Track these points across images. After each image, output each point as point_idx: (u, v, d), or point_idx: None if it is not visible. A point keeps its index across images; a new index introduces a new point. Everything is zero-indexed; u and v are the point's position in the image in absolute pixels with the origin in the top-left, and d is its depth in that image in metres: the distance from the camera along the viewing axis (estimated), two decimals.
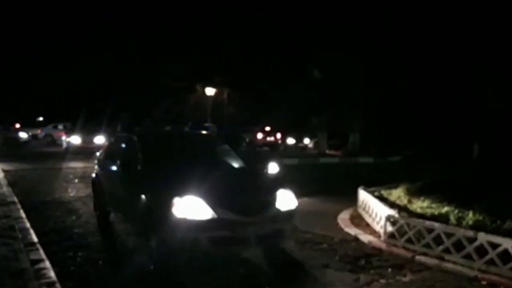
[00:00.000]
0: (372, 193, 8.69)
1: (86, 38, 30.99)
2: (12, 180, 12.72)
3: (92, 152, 20.99)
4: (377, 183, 9.91)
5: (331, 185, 13.41)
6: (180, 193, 5.35)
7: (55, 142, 31.37)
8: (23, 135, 31.85)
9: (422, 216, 7.05)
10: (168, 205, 5.29)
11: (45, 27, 32.05)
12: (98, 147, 23.16)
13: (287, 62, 26.63)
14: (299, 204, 6.62)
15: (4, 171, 14.50)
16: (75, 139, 23.50)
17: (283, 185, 6.36)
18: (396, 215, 6.87)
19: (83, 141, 23.37)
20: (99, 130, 24.68)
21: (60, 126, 35.18)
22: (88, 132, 24.12)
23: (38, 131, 36.64)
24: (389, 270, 5.70)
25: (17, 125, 35.92)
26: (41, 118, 42.57)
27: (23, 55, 33.81)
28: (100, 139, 23.76)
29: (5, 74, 35.09)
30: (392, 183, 9.97)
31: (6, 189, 10.96)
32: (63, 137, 26.46)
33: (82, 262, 5.73)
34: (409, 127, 25.97)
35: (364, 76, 25.21)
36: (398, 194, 8.76)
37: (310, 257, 6.17)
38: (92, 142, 23.31)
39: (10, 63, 34.10)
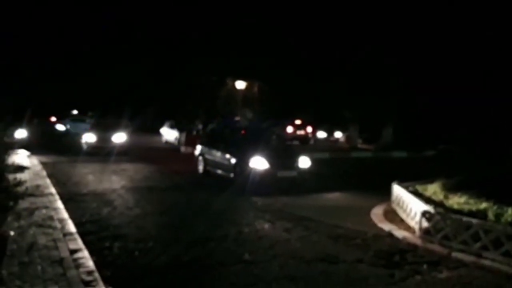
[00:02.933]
0: (406, 188, 8.52)
1: (118, 33, 31.58)
2: (50, 172, 13.11)
3: (109, 153, 17.74)
4: (411, 178, 9.69)
5: (364, 179, 13.25)
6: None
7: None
8: (60, 128, 32.54)
9: (459, 212, 6.87)
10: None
11: (74, 25, 32.85)
12: (118, 147, 18.85)
13: (319, 55, 26.36)
14: (331, 199, 10.48)
15: (42, 163, 14.97)
16: (90, 137, 19.52)
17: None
18: (432, 211, 6.71)
19: (98, 139, 19.38)
20: (120, 127, 20.64)
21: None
22: (105, 129, 20.01)
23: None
24: (425, 266, 5.60)
25: (53, 119, 36.86)
26: (75, 112, 43.51)
27: (57, 49, 34.65)
28: (120, 137, 19.60)
29: (42, 70, 36.01)
30: (427, 178, 9.74)
31: (44, 181, 11.32)
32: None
33: (118, 252, 5.87)
34: (445, 121, 25.30)
35: (397, 67, 24.68)
36: (433, 189, 8.55)
37: (343, 251, 6.12)
38: (109, 141, 19.31)
39: (46, 59, 34.96)
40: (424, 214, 6.76)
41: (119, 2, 32.49)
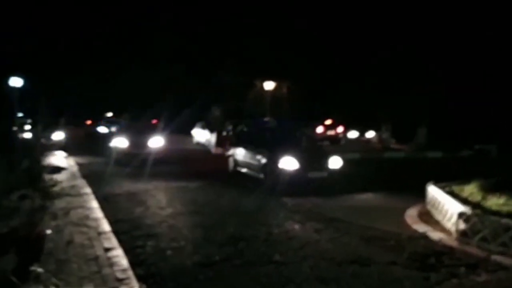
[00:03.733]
0: (442, 188, 8.28)
1: (145, 36, 32.16)
2: (86, 172, 13.44)
3: (145, 160, 14.77)
4: (447, 179, 9.41)
5: (397, 180, 12.93)
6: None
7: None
8: (103, 130, 33.10)
9: (497, 213, 6.61)
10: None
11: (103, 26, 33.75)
12: (154, 153, 15.86)
13: (350, 54, 26.08)
14: (363, 200, 10.32)
15: (78, 164, 15.39)
16: (121, 142, 16.56)
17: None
18: (469, 212, 6.50)
19: (132, 144, 16.39)
20: (154, 129, 17.91)
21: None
22: (139, 132, 17.18)
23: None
24: (462, 269, 5.41)
25: (88, 122, 37.88)
26: (110, 114, 44.49)
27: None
28: (157, 142, 16.78)
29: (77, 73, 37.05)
30: (464, 179, 9.43)
31: (80, 181, 11.62)
32: None
33: (151, 251, 5.95)
34: (481, 120, 24.51)
35: (431, 66, 24.11)
36: (470, 190, 8.27)
37: (376, 253, 5.99)
38: (144, 146, 16.34)
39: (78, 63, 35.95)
40: (461, 215, 6.55)
41: (146, 5, 33.14)
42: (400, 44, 24.26)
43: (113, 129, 32.84)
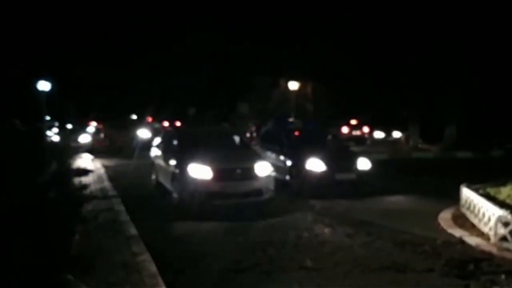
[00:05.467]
0: (476, 191, 7.96)
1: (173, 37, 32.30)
2: (112, 175, 13.54)
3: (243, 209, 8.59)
4: (479, 180, 9.04)
5: (427, 182, 12.57)
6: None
7: None
8: (144, 134, 32.81)
9: None
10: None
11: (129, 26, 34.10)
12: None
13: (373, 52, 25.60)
14: (394, 203, 10.01)
15: (104, 166, 15.53)
16: (201, 170, 8.60)
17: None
18: (509, 216, 6.19)
19: (221, 179, 8.65)
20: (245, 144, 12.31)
21: None
22: (224, 151, 9.87)
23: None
24: (503, 276, 5.15)
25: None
26: (134, 117, 44.75)
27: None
28: (264, 169, 9.17)
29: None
30: (497, 180, 9.04)
31: (107, 184, 11.70)
32: None
33: (180, 256, 5.88)
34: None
35: (460, 61, 23.39)
36: (508, 192, 7.91)
37: (411, 259, 5.76)
38: (245, 181, 8.91)
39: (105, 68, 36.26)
40: (500, 219, 6.25)
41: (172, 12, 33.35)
42: (428, 40, 23.55)
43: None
